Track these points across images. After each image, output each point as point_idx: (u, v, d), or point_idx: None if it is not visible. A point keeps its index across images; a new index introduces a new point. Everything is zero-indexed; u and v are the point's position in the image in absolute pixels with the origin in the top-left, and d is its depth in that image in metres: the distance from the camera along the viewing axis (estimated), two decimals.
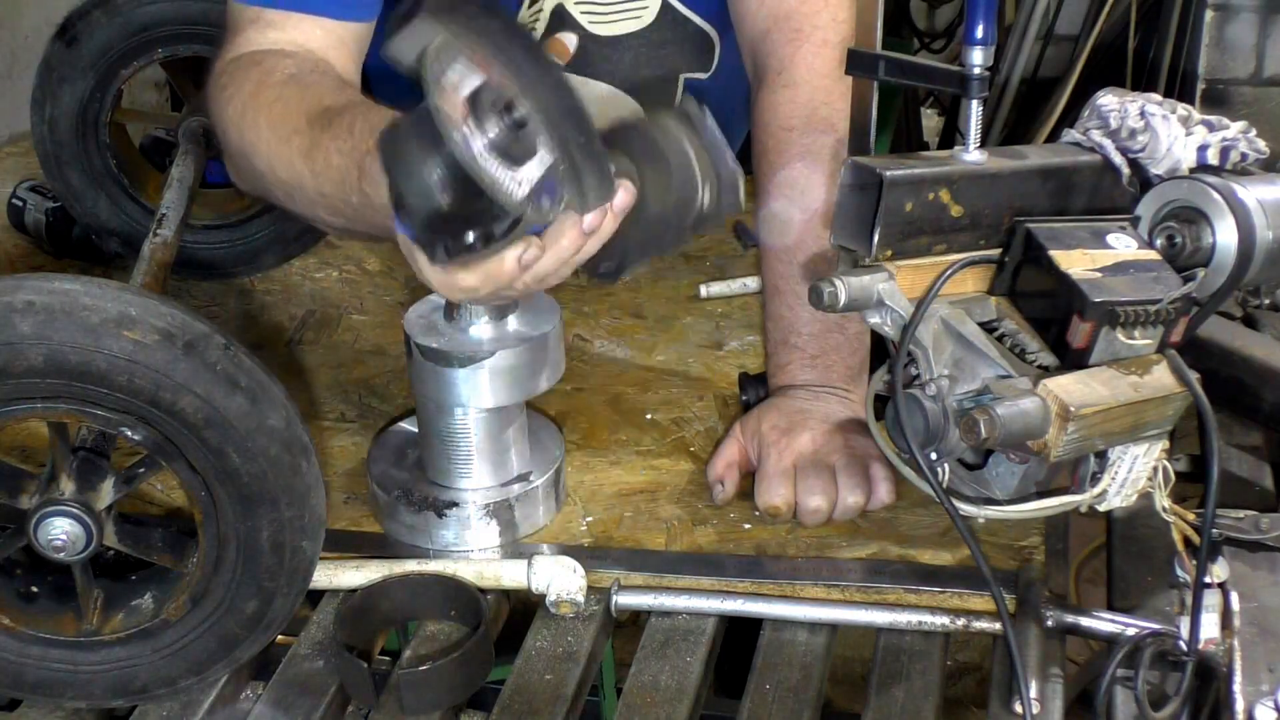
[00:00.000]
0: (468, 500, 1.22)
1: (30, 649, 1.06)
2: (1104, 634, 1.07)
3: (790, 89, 1.38)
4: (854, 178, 1.06)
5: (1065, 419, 0.97)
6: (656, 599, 1.15)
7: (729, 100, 1.66)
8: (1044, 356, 1.04)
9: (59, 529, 1.01)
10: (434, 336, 1.18)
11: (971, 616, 1.11)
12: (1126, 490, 1.06)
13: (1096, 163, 1.11)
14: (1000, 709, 1.03)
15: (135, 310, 0.95)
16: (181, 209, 1.50)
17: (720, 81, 1.60)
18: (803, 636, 1.12)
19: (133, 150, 1.76)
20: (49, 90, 1.65)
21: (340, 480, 1.33)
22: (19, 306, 0.93)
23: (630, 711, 1.05)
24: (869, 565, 1.18)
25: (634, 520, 1.26)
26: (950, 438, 1.04)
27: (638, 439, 1.38)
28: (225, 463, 0.99)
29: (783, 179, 1.35)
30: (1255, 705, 0.97)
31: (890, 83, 1.14)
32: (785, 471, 1.25)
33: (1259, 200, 1.06)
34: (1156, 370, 1.02)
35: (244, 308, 1.69)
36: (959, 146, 1.09)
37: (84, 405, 0.98)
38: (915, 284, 1.05)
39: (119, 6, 1.62)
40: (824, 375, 1.32)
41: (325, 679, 1.09)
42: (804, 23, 1.38)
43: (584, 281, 1.70)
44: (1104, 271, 1.02)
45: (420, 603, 1.16)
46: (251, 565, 1.03)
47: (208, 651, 1.06)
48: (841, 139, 1.30)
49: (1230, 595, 1.03)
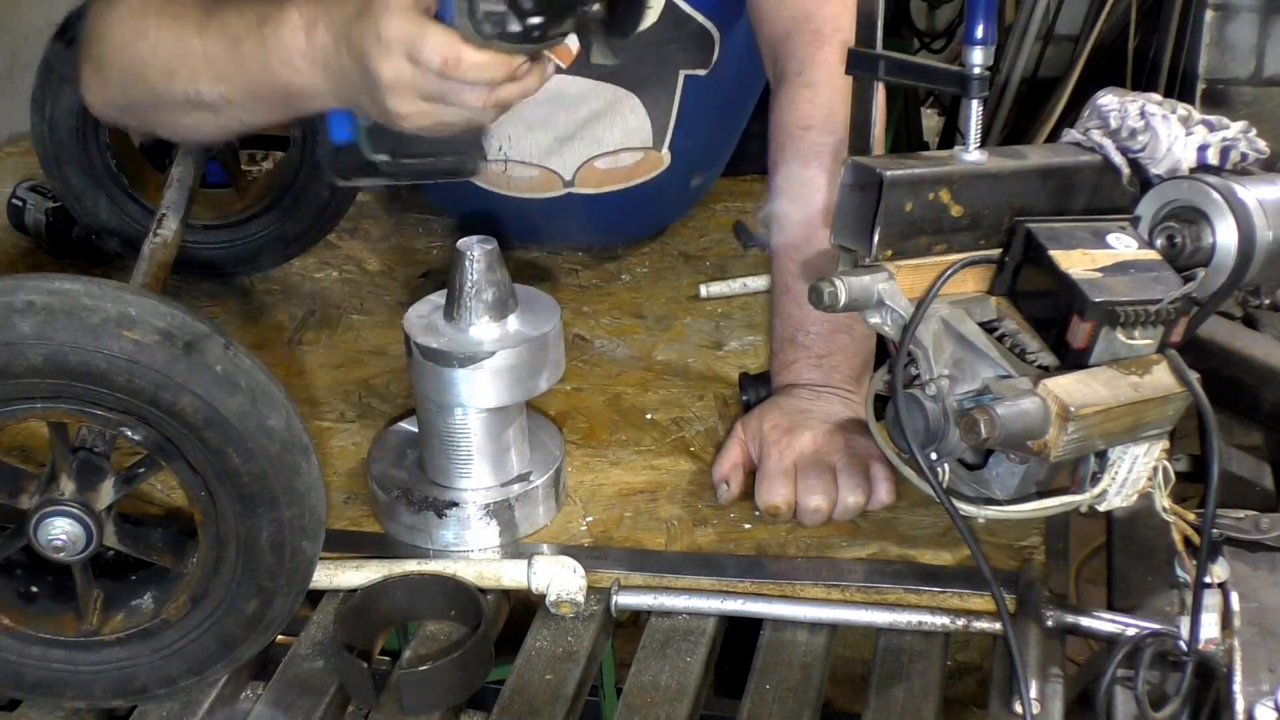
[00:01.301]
0: (468, 500, 1.22)
1: (30, 649, 1.06)
2: (1104, 634, 1.07)
3: (809, 89, 1.39)
4: (854, 178, 1.06)
5: (1065, 419, 0.97)
6: (656, 599, 1.15)
7: (726, 97, 1.67)
8: (1044, 356, 1.04)
9: (59, 529, 1.01)
10: (434, 336, 1.18)
11: (971, 616, 1.11)
12: (1126, 490, 1.06)
13: (1096, 163, 1.11)
14: (1000, 709, 1.03)
15: (135, 310, 0.95)
16: (181, 209, 1.50)
17: (719, 78, 1.60)
18: (803, 636, 1.12)
19: (133, 150, 1.76)
20: (49, 90, 1.65)
21: (340, 480, 1.33)
22: (19, 306, 0.93)
23: (630, 711, 1.05)
24: (869, 565, 1.18)
25: (634, 520, 1.26)
26: (950, 438, 1.04)
27: (638, 439, 1.38)
28: (225, 463, 0.99)
29: (798, 178, 1.37)
30: (1255, 705, 0.97)
31: (890, 83, 1.14)
32: (786, 471, 1.25)
33: (1259, 200, 1.06)
34: (1156, 370, 1.02)
35: (244, 308, 1.69)
36: (959, 146, 1.09)
37: (84, 405, 0.98)
38: (915, 284, 1.05)
39: None
40: (828, 375, 1.32)
41: (325, 679, 1.09)
42: (824, 25, 1.39)
43: (584, 282, 1.70)
44: (1104, 271, 1.02)
45: (420, 603, 1.16)
46: (251, 565, 1.03)
47: (208, 651, 1.06)
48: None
49: (1230, 595, 1.03)
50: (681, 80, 1.58)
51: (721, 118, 1.70)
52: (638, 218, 1.70)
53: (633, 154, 1.61)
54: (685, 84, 1.58)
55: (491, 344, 1.17)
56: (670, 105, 1.59)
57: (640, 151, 1.61)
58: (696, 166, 1.72)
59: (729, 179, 1.87)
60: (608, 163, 1.61)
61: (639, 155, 1.62)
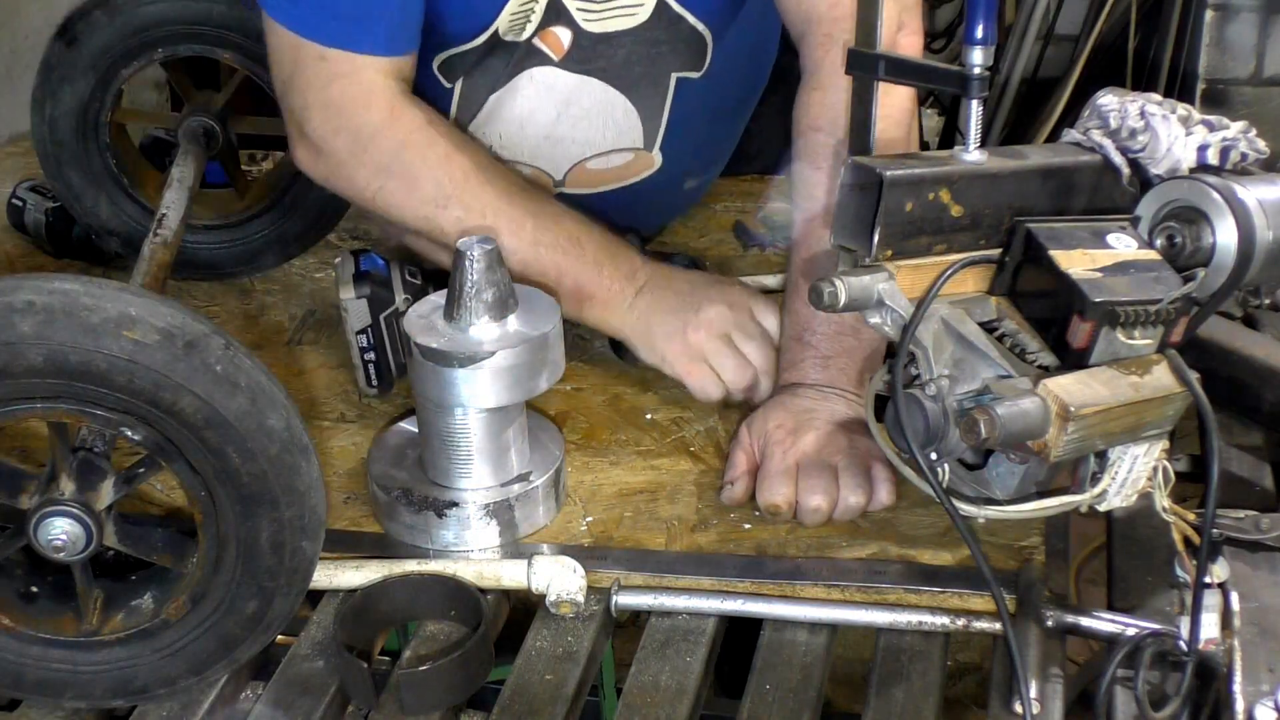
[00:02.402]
0: (468, 500, 1.22)
1: (30, 649, 1.06)
2: (1104, 634, 1.07)
3: (819, 91, 1.40)
4: (854, 178, 1.06)
5: (1065, 419, 0.97)
6: (656, 599, 1.15)
7: (719, 100, 1.67)
8: (1044, 356, 1.04)
9: (59, 529, 1.00)
10: (434, 336, 1.18)
11: (971, 616, 1.11)
12: (1126, 490, 1.06)
13: (1096, 163, 1.11)
14: (1000, 709, 1.03)
15: (135, 310, 0.95)
16: (181, 209, 1.50)
17: (712, 81, 1.60)
18: (803, 636, 1.12)
19: (133, 150, 1.76)
20: (49, 90, 1.65)
21: (340, 480, 1.33)
22: (19, 306, 0.93)
23: (630, 711, 1.05)
24: (869, 565, 1.18)
25: (634, 520, 1.26)
26: (950, 438, 1.04)
27: (638, 439, 1.38)
28: (225, 463, 0.99)
29: (810, 178, 1.38)
30: (1255, 705, 0.97)
31: (890, 83, 1.14)
32: (787, 470, 1.25)
33: (1259, 200, 1.06)
34: (1156, 370, 1.02)
35: (244, 308, 1.69)
36: (959, 146, 1.09)
37: (84, 405, 0.98)
38: (915, 284, 1.05)
39: (119, 6, 1.62)
40: (834, 376, 1.33)
41: (325, 679, 1.09)
42: (834, 27, 1.40)
43: None
44: (1104, 271, 1.02)
45: (420, 603, 1.16)
46: (251, 565, 1.03)
47: (208, 651, 1.06)
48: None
49: (1230, 595, 1.03)
50: (674, 82, 1.58)
51: (716, 120, 1.70)
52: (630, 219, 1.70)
53: (623, 155, 1.61)
54: (677, 86, 1.58)
55: (491, 344, 1.17)
56: (662, 107, 1.59)
57: (630, 152, 1.61)
58: (690, 168, 1.72)
59: (729, 179, 1.87)
60: (599, 164, 1.61)
61: (629, 156, 1.61)
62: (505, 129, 1.58)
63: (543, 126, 1.58)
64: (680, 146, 1.64)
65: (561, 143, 1.59)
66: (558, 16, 1.50)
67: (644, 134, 1.60)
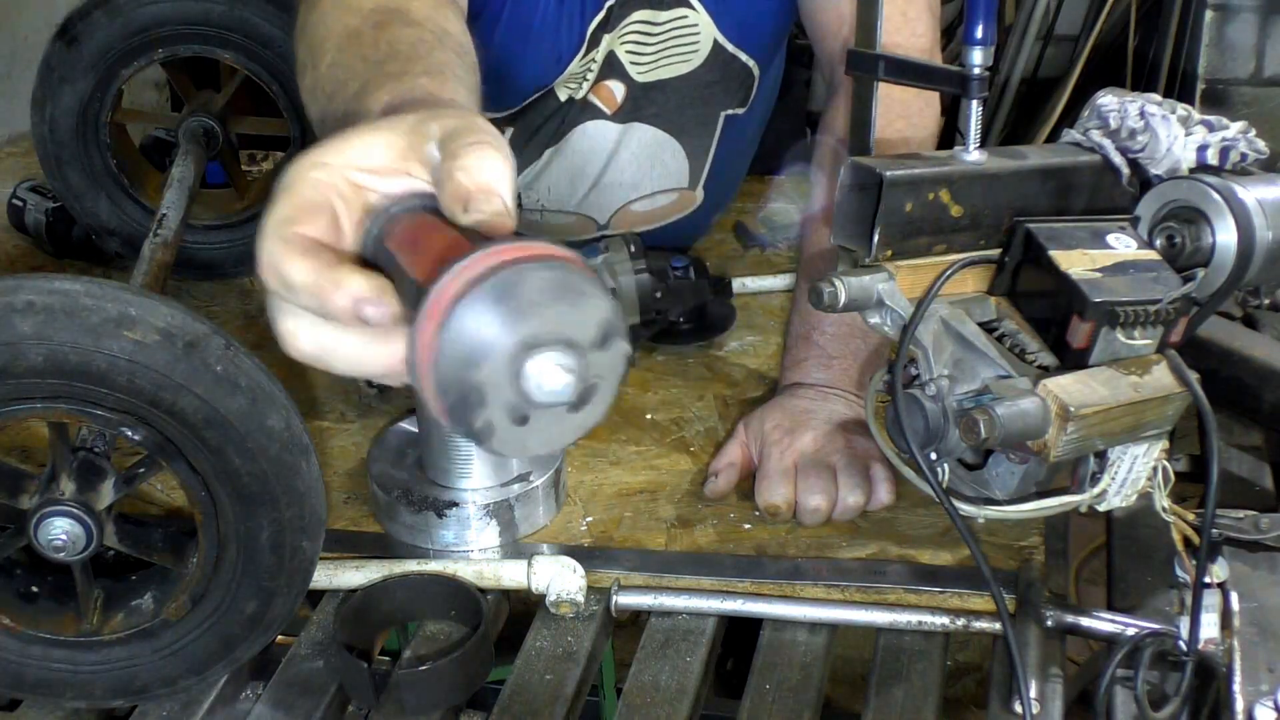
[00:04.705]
0: (468, 500, 1.22)
1: (30, 649, 1.06)
2: (1104, 634, 1.07)
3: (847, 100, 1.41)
4: (854, 178, 1.06)
5: (1065, 419, 0.97)
6: (656, 599, 1.15)
7: (755, 129, 1.68)
8: (1044, 356, 1.04)
9: (59, 529, 1.00)
10: None
11: (971, 616, 1.11)
12: (1126, 490, 1.06)
13: (1096, 163, 1.11)
14: (1000, 709, 1.03)
15: (135, 310, 0.95)
16: (181, 209, 1.50)
17: (752, 113, 1.62)
18: (803, 636, 1.12)
19: (133, 150, 1.76)
20: (49, 90, 1.65)
21: (340, 480, 1.33)
22: (19, 306, 0.93)
23: (630, 711, 1.05)
24: (869, 565, 1.18)
25: (634, 520, 1.26)
26: (950, 438, 1.04)
27: (638, 439, 1.38)
28: (225, 463, 0.99)
29: (823, 183, 1.39)
30: (1255, 705, 0.97)
31: (890, 83, 1.14)
32: (786, 471, 1.25)
33: (1259, 200, 1.06)
34: (1156, 370, 1.02)
35: (244, 308, 1.69)
36: (959, 146, 1.09)
37: (84, 405, 0.98)
38: (915, 284, 1.05)
39: (119, 6, 1.62)
40: (835, 377, 1.33)
41: (325, 679, 1.09)
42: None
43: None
44: (1104, 271, 1.02)
45: (420, 603, 1.16)
46: (251, 565, 1.03)
47: (208, 651, 1.06)
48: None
49: (1230, 595, 1.03)
50: (721, 121, 1.59)
51: (748, 149, 1.72)
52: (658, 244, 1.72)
53: (668, 195, 1.62)
54: (724, 123, 1.59)
55: None
56: (709, 145, 1.60)
57: (675, 192, 1.62)
58: (722, 199, 1.74)
59: None
60: (644, 205, 1.62)
61: (673, 196, 1.63)
62: (555, 184, 1.58)
63: (591, 179, 1.58)
64: (721, 181, 1.65)
65: (608, 189, 1.59)
66: (610, 70, 1.51)
67: (689, 173, 1.61)
